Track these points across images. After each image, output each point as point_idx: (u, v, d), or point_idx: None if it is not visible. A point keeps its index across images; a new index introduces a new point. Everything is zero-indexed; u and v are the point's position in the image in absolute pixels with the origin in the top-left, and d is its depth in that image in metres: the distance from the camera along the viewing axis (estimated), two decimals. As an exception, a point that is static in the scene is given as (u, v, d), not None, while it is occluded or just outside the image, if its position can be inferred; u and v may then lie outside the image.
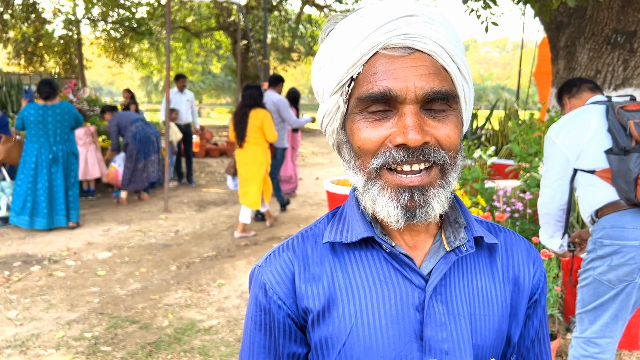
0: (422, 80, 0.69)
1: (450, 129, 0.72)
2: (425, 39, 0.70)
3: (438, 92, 0.69)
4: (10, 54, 20.47)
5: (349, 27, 0.73)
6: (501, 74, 55.30)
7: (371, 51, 0.70)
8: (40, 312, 3.62)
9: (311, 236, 0.83)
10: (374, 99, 0.69)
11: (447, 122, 0.72)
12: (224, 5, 16.96)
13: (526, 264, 0.85)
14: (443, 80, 0.71)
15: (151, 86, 38.99)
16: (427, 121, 0.70)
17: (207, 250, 5.12)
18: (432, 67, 0.70)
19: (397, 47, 0.70)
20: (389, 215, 0.72)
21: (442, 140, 0.71)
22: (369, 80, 0.70)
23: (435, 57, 0.70)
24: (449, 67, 0.72)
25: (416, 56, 0.70)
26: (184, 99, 8.34)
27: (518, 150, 4.46)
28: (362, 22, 0.71)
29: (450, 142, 0.72)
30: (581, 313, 2.18)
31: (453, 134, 0.72)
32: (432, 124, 0.71)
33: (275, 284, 0.79)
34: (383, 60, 0.70)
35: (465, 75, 0.75)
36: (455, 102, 0.73)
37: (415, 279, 0.76)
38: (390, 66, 0.69)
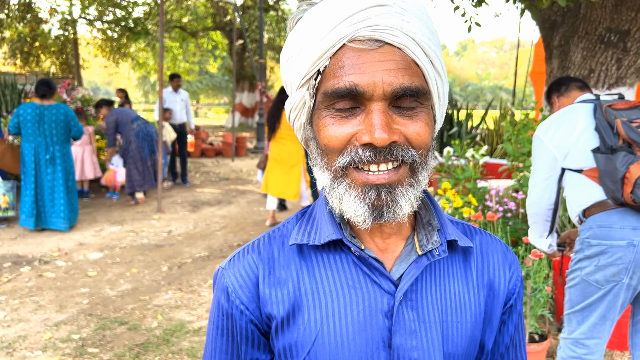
0: (391, 76, 0.65)
1: (421, 126, 0.68)
2: (396, 31, 0.66)
3: (407, 88, 0.65)
4: (6, 53, 20.40)
5: (317, 17, 0.68)
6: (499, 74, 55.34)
7: (338, 43, 0.66)
8: (28, 314, 3.59)
9: (278, 237, 0.79)
10: (340, 94, 0.66)
11: (417, 120, 0.68)
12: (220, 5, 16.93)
13: (502, 268, 0.82)
14: (413, 76, 0.67)
15: (148, 86, 38.89)
16: (395, 118, 0.67)
17: (199, 250, 5.09)
18: (401, 62, 0.66)
19: (365, 40, 0.66)
20: (356, 214, 0.68)
21: (411, 138, 0.67)
22: (335, 74, 0.66)
23: (405, 51, 0.66)
24: (421, 62, 0.68)
25: (385, 50, 0.66)
26: (179, 98, 8.31)
27: (511, 150, 4.44)
28: (331, 11, 0.67)
29: (420, 140, 0.68)
30: (569, 314, 2.16)
31: (423, 132, 0.68)
32: (402, 121, 0.67)
33: (238, 288, 0.76)
34: (350, 53, 0.66)
35: (439, 70, 0.71)
36: (426, 98, 0.69)
37: (385, 283, 0.72)
38: (358, 60, 0.65)
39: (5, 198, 5.71)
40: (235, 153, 12.03)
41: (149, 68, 23.20)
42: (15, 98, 8.19)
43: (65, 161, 5.59)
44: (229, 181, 9.10)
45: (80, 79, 20.31)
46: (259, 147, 12.86)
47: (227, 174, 9.80)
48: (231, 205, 7.14)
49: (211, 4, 17.20)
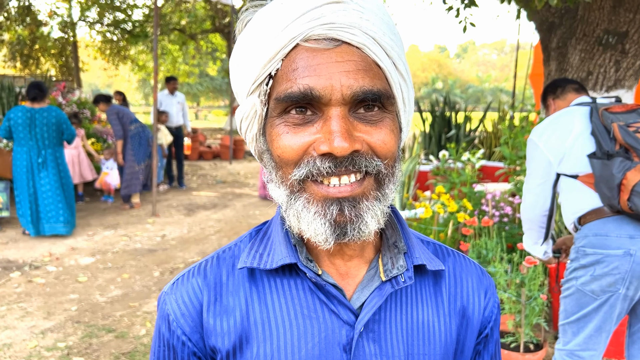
0: (350, 78, 0.58)
1: (386, 133, 0.61)
2: (354, 30, 0.59)
3: (369, 91, 0.59)
4: (5, 56, 20.41)
5: (268, 16, 0.62)
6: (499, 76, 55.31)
7: (291, 43, 0.59)
8: (15, 321, 3.52)
9: (229, 258, 0.71)
10: (294, 99, 0.59)
11: (381, 127, 0.61)
12: (218, 8, 16.90)
13: (476, 293, 0.74)
14: (375, 78, 0.60)
15: (148, 89, 38.89)
16: (357, 125, 0.60)
17: (193, 255, 5.02)
18: (361, 63, 0.59)
19: (320, 39, 0.59)
20: (316, 233, 0.61)
21: (376, 147, 0.60)
22: (288, 77, 0.59)
23: (365, 51, 0.60)
24: (382, 63, 0.61)
25: (343, 49, 0.59)
26: (175, 101, 8.25)
27: (508, 153, 4.37)
28: (283, 10, 0.61)
29: (386, 149, 0.61)
30: (564, 324, 2.09)
31: (389, 140, 0.61)
32: (364, 128, 0.60)
33: (180, 316, 0.68)
34: (304, 54, 0.59)
35: (403, 72, 0.64)
36: (390, 103, 0.62)
37: (344, 313, 0.65)
38: (313, 61, 0.58)
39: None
40: (233, 156, 11.97)
41: (149, 70, 23.17)
42: (12, 101, 8.13)
43: (58, 164, 5.52)
44: (226, 184, 9.04)
45: (79, 81, 20.29)
46: (257, 150, 12.79)
47: (224, 177, 9.74)
48: (227, 209, 7.08)
49: (210, 6, 17.17)
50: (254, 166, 11.18)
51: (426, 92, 44.91)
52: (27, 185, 5.35)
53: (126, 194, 6.88)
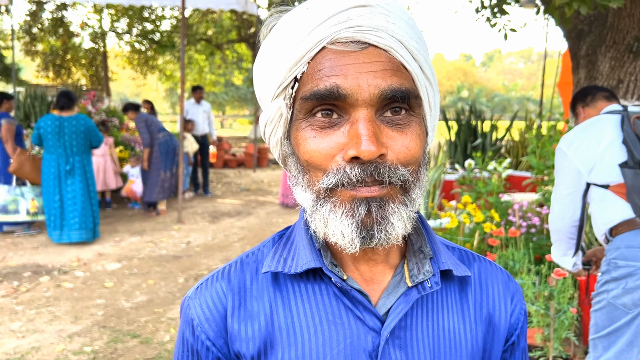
0: (377, 78, 0.58)
1: (411, 139, 0.60)
2: (381, 32, 0.59)
3: (397, 89, 0.58)
4: (39, 66, 21.06)
5: (294, 21, 0.62)
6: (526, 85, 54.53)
7: (317, 46, 0.59)
8: (43, 324, 3.59)
9: (252, 262, 0.71)
10: (320, 97, 0.59)
11: (407, 132, 0.61)
12: (244, 18, 17.12)
13: (503, 300, 0.73)
14: (402, 78, 0.60)
15: (175, 98, 39.55)
16: (384, 130, 0.59)
17: (217, 262, 5.05)
18: (388, 64, 0.59)
19: (347, 42, 0.59)
20: (343, 236, 0.60)
21: (400, 153, 0.60)
22: (314, 77, 0.59)
23: (392, 53, 0.60)
24: (409, 65, 0.61)
25: (370, 51, 0.59)
26: (201, 110, 8.37)
27: (535, 163, 4.29)
28: (308, 14, 0.61)
29: (409, 155, 0.60)
30: (594, 339, 2.03)
31: (414, 146, 0.61)
32: (390, 133, 0.60)
33: (204, 321, 0.68)
34: (331, 55, 0.59)
35: (429, 76, 0.64)
36: (417, 104, 0.62)
37: (369, 319, 0.64)
38: (339, 62, 0.59)
39: (34, 203, 5.79)
40: (257, 164, 12.05)
41: (176, 80, 23.59)
42: (45, 109, 8.37)
43: (85, 172, 5.64)
44: (250, 192, 9.10)
45: (108, 90, 20.78)
46: (281, 158, 12.86)
47: (248, 185, 9.81)
48: (250, 217, 7.12)
49: (235, 16, 17.41)
50: (277, 174, 11.24)
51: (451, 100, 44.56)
52: (53, 192, 5.47)
53: (152, 201, 6.99)
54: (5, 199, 5.79)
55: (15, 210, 5.79)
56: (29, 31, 19.08)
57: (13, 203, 5.80)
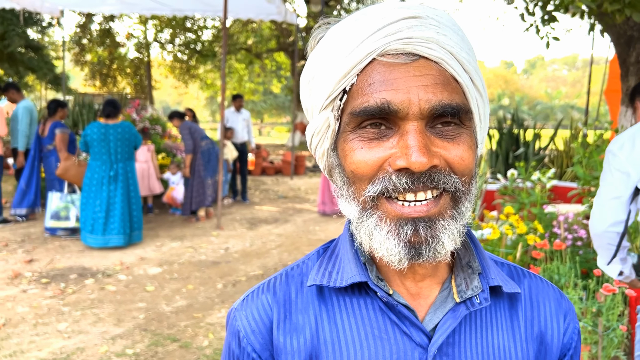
0: (428, 92, 0.57)
1: (464, 149, 0.60)
2: (432, 44, 0.59)
3: (448, 105, 0.58)
4: (86, 75, 21.93)
5: (343, 32, 0.62)
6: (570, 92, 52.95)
7: (367, 58, 0.59)
8: (88, 326, 3.70)
9: (297, 275, 0.71)
10: (370, 114, 0.58)
11: (459, 142, 0.60)
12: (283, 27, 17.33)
13: (555, 318, 0.71)
14: (453, 92, 0.59)
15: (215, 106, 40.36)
16: (434, 141, 0.59)
17: (254, 269, 5.10)
18: (439, 77, 0.59)
19: (398, 54, 0.59)
20: (389, 253, 0.59)
21: (454, 163, 0.59)
22: (364, 92, 0.59)
23: (443, 65, 0.59)
24: (460, 78, 0.60)
25: (420, 64, 0.58)
26: (241, 118, 8.50)
27: (582, 173, 4.15)
28: (357, 26, 0.61)
29: (464, 165, 0.60)
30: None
31: (467, 156, 0.60)
32: (441, 144, 0.59)
33: (250, 333, 0.68)
34: (381, 68, 0.59)
35: (480, 88, 0.63)
36: (468, 118, 0.61)
37: (417, 335, 0.63)
38: (390, 75, 0.58)
39: (79, 209, 6.02)
40: (294, 171, 12.13)
41: (217, 89, 24.10)
42: (92, 117, 8.69)
43: (128, 178, 5.81)
44: (287, 199, 9.16)
45: (152, 98, 21.41)
46: (318, 166, 12.90)
47: (285, 192, 9.87)
48: (288, 224, 7.16)
49: (275, 26, 17.65)
50: (314, 182, 11.27)
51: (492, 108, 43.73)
52: (94, 197, 5.64)
53: (199, 206, 7.12)
54: (57, 206, 6.03)
55: (66, 217, 6.03)
56: (79, 42, 19.90)
57: (65, 210, 6.04)
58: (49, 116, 6.61)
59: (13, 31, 15.39)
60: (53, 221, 6.02)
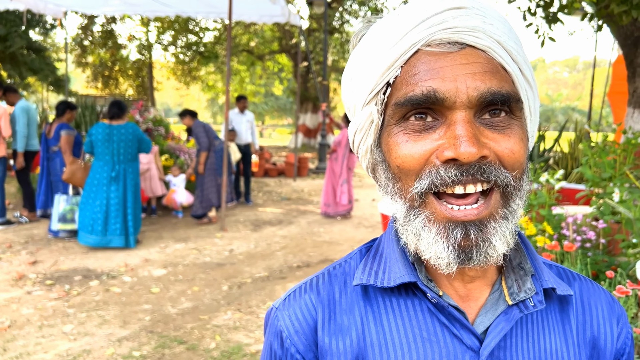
0: (477, 80, 0.55)
1: (515, 142, 0.57)
2: (478, 33, 0.57)
3: (497, 93, 0.55)
4: (88, 77, 21.93)
5: (385, 27, 0.61)
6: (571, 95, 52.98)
7: (411, 49, 0.57)
8: (94, 328, 3.68)
9: (340, 275, 0.69)
10: (416, 102, 0.56)
11: (510, 134, 0.57)
12: (286, 29, 17.33)
13: (608, 322, 0.68)
14: (502, 80, 0.57)
15: (217, 107, 40.42)
16: (484, 131, 0.56)
17: (259, 270, 5.08)
18: (487, 65, 0.56)
19: (443, 43, 0.57)
20: (437, 256, 0.57)
21: (504, 156, 0.56)
22: (409, 82, 0.57)
23: (491, 54, 0.57)
24: (509, 67, 0.58)
25: (467, 52, 0.56)
26: (244, 119, 8.49)
27: (590, 175, 4.13)
28: (401, 19, 0.59)
29: (514, 158, 0.57)
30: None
31: (518, 149, 0.57)
32: (491, 135, 0.56)
33: (293, 333, 0.66)
34: (426, 58, 0.57)
35: (529, 79, 0.61)
36: (518, 108, 0.59)
37: (467, 338, 0.61)
38: (436, 64, 0.56)
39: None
40: (297, 173, 12.11)
41: (218, 90, 24.12)
42: (95, 119, 8.68)
43: (131, 179, 5.79)
44: (290, 201, 9.14)
45: (153, 100, 21.41)
46: (321, 168, 12.90)
47: (288, 194, 9.85)
48: (292, 226, 7.13)
49: (277, 27, 17.65)
50: (317, 184, 11.25)
51: (493, 111, 43.68)
52: (94, 197, 5.62)
53: (212, 205, 7.12)
54: (64, 208, 6.02)
55: (72, 219, 6.01)
56: (81, 44, 19.91)
57: (70, 212, 6.03)
58: (57, 117, 6.60)
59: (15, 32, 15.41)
60: (60, 224, 6.00)
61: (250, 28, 18.40)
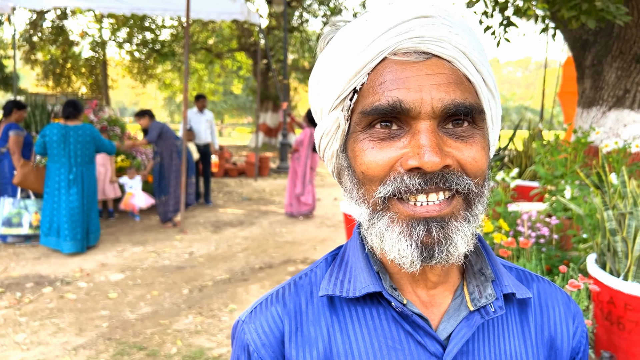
0: (441, 91, 0.56)
1: (477, 150, 0.59)
2: (444, 43, 0.58)
3: (460, 104, 0.57)
4: (38, 75, 21.07)
5: (353, 32, 0.61)
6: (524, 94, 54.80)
7: (378, 57, 0.58)
8: (48, 336, 3.54)
9: (306, 285, 0.69)
10: (382, 112, 0.57)
11: (472, 143, 0.59)
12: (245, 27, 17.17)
13: (564, 322, 0.71)
14: (466, 92, 0.58)
15: (174, 106, 39.65)
16: (447, 141, 0.58)
17: (221, 273, 5.01)
18: (452, 76, 0.58)
19: (409, 52, 0.58)
20: (401, 254, 0.58)
21: (466, 164, 0.58)
22: (376, 90, 0.58)
23: (455, 64, 0.58)
24: (473, 77, 0.59)
25: (433, 62, 0.57)
26: (204, 119, 8.35)
27: (543, 173, 4.28)
28: (369, 25, 0.60)
29: (477, 167, 0.58)
30: None
31: (480, 157, 0.59)
32: (454, 144, 0.58)
33: (260, 347, 0.65)
34: (393, 67, 0.58)
35: (492, 89, 0.62)
36: (481, 118, 0.60)
37: (431, 345, 0.62)
38: (402, 74, 0.57)
39: (37, 216, 5.76)
40: (259, 173, 12.02)
41: (175, 89, 23.66)
42: (45, 118, 8.34)
43: (89, 182, 5.61)
44: (252, 201, 9.06)
45: (108, 99, 20.80)
46: (282, 167, 12.85)
47: (249, 194, 9.77)
48: (253, 226, 7.08)
49: (236, 25, 17.47)
50: (279, 183, 11.21)
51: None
52: (52, 200, 5.43)
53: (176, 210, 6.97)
54: (9, 212, 5.76)
55: (19, 224, 5.76)
56: (29, 40, 19.12)
57: (17, 216, 5.77)
58: (4, 117, 6.30)
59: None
60: (4, 228, 5.74)
61: (208, 26, 18.13)
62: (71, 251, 5.42)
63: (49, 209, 5.46)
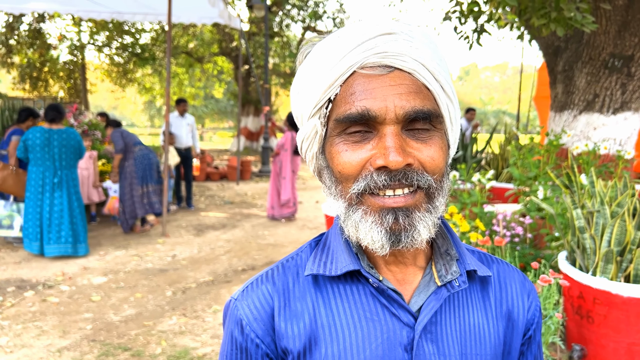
0: (403, 99, 0.66)
1: (435, 150, 0.68)
2: (405, 57, 0.67)
3: (419, 111, 0.66)
4: (15, 79, 20.72)
5: (327, 48, 0.70)
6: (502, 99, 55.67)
7: (348, 71, 0.68)
8: (31, 339, 3.55)
9: (293, 267, 0.78)
10: (352, 120, 0.67)
11: (431, 144, 0.68)
12: (226, 32, 17.19)
13: (520, 297, 0.81)
14: (425, 99, 0.67)
15: (154, 110, 39.31)
16: (409, 142, 0.67)
17: (204, 275, 5.05)
18: (412, 86, 0.67)
19: (375, 66, 0.67)
20: (373, 240, 0.67)
21: (426, 163, 0.67)
22: (347, 100, 0.67)
23: (415, 76, 0.68)
24: (431, 86, 0.69)
25: (395, 75, 0.67)
26: (185, 122, 8.36)
27: (517, 174, 4.43)
28: (340, 42, 0.69)
29: (434, 165, 0.68)
30: None
31: (437, 156, 0.68)
32: (415, 145, 0.67)
33: (252, 320, 0.74)
34: (361, 79, 0.67)
35: (450, 94, 0.72)
36: (439, 122, 0.70)
37: (404, 316, 0.71)
38: (369, 85, 0.66)
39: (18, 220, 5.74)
40: (240, 177, 12.05)
41: (155, 93, 23.48)
42: (23, 122, 8.25)
43: (73, 186, 5.59)
44: (234, 205, 9.10)
45: (87, 103, 20.56)
46: (264, 171, 12.89)
47: (231, 198, 9.80)
48: (236, 229, 7.12)
49: (217, 30, 17.47)
50: (261, 187, 11.25)
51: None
52: (35, 205, 5.41)
53: (133, 218, 6.79)
54: (1, 214, 5.71)
55: (10, 226, 5.73)
56: (6, 43, 18.82)
57: (8, 218, 5.73)
58: (17, 122, 6.30)
59: None
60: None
61: (189, 30, 18.09)
62: (55, 254, 5.40)
63: (31, 213, 5.42)
